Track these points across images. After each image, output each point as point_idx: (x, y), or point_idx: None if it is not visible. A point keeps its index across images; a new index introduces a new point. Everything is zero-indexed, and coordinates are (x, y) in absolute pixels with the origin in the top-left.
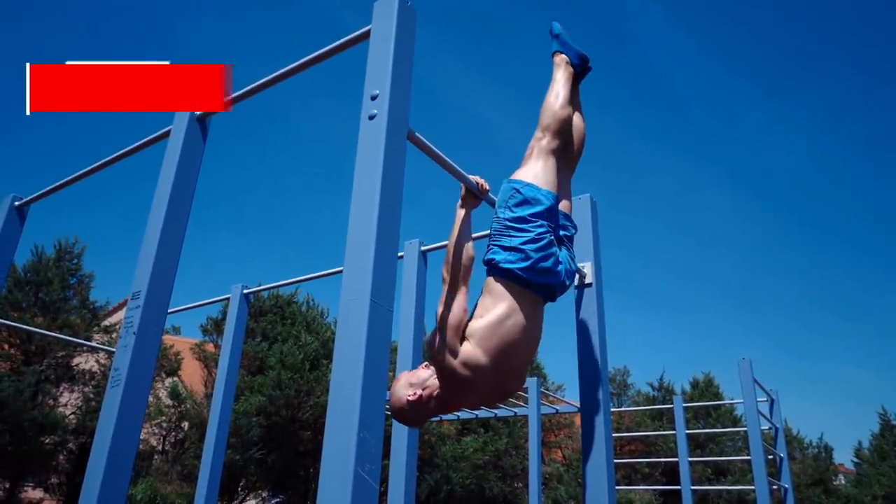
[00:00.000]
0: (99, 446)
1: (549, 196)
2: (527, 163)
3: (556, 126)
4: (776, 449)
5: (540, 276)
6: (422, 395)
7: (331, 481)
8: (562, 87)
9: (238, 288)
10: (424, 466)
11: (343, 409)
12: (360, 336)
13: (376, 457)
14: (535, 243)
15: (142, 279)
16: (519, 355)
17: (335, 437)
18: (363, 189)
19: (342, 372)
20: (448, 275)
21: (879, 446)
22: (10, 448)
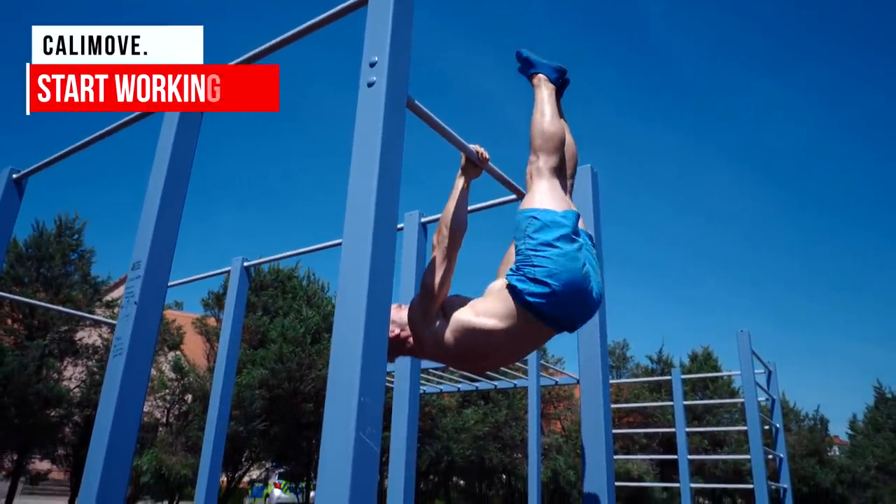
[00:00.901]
0: (103, 415)
1: (569, 215)
2: (531, 189)
3: (548, 144)
4: (772, 420)
5: (559, 310)
6: (399, 335)
7: (332, 444)
8: (546, 104)
9: (238, 260)
10: (425, 438)
11: (344, 375)
12: (360, 305)
13: (377, 421)
14: (563, 274)
15: (142, 249)
16: (487, 363)
17: (336, 402)
18: (362, 157)
19: (343, 340)
20: (439, 243)
21: (874, 418)
22: (16, 421)
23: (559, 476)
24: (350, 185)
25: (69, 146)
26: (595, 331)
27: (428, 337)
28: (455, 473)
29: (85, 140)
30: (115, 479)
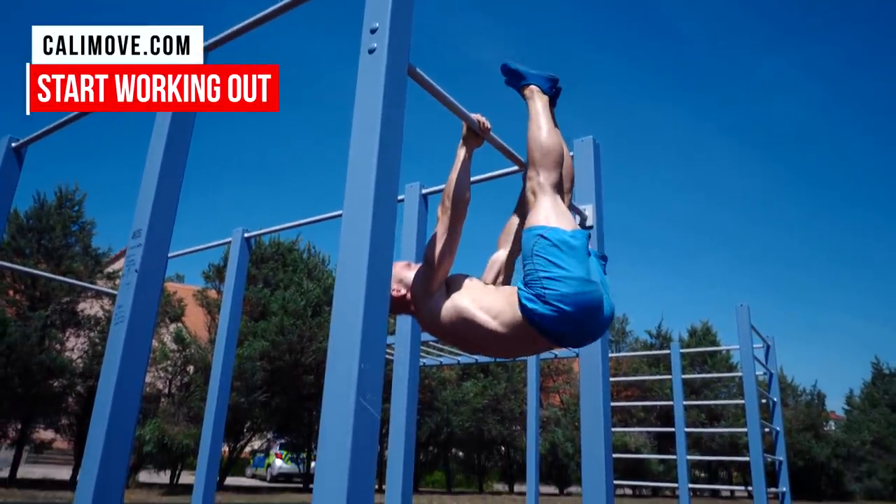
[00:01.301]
0: (105, 383)
1: (578, 235)
2: (535, 207)
3: (549, 159)
4: (770, 394)
5: (568, 332)
6: (404, 296)
7: (333, 410)
8: (542, 117)
9: (239, 231)
10: (425, 410)
11: (344, 342)
12: (360, 276)
13: (377, 388)
14: (573, 298)
15: (142, 217)
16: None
17: (337, 368)
18: (363, 126)
19: (343, 308)
20: (443, 214)
21: (870, 394)
22: (19, 391)
23: (557, 448)
24: (350, 154)
25: (69, 115)
26: None
27: (427, 310)
28: (454, 445)
29: None
30: (118, 446)
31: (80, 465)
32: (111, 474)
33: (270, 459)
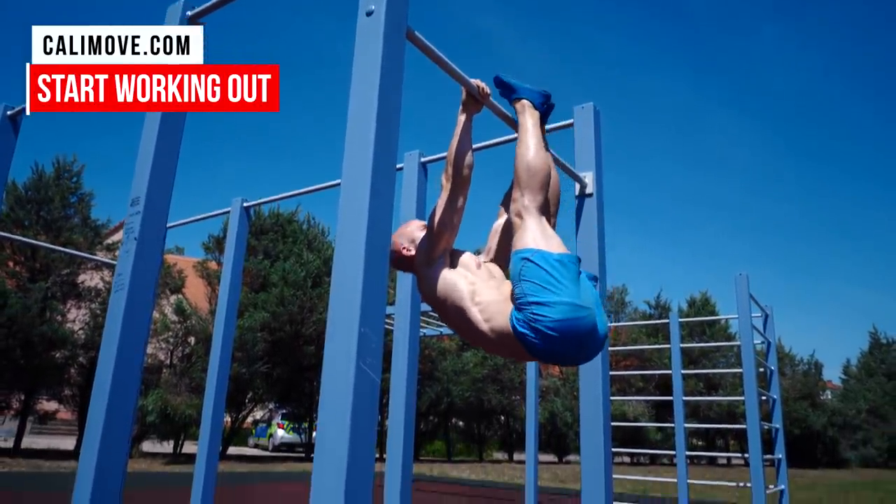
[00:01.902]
0: (106, 351)
1: (565, 259)
2: (521, 229)
3: (535, 181)
4: (767, 362)
5: (557, 357)
6: (414, 256)
7: (333, 374)
8: (531, 136)
9: (238, 201)
10: (425, 380)
11: (344, 307)
12: (359, 241)
13: (377, 352)
14: (563, 324)
15: (140, 185)
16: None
17: (337, 333)
18: (361, 90)
19: (343, 275)
20: (447, 182)
21: (867, 363)
22: (22, 362)
23: (556, 417)
24: (348, 119)
25: None
26: (594, 268)
27: (425, 279)
28: (454, 415)
29: None
30: (120, 415)
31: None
32: (114, 443)
33: (272, 429)
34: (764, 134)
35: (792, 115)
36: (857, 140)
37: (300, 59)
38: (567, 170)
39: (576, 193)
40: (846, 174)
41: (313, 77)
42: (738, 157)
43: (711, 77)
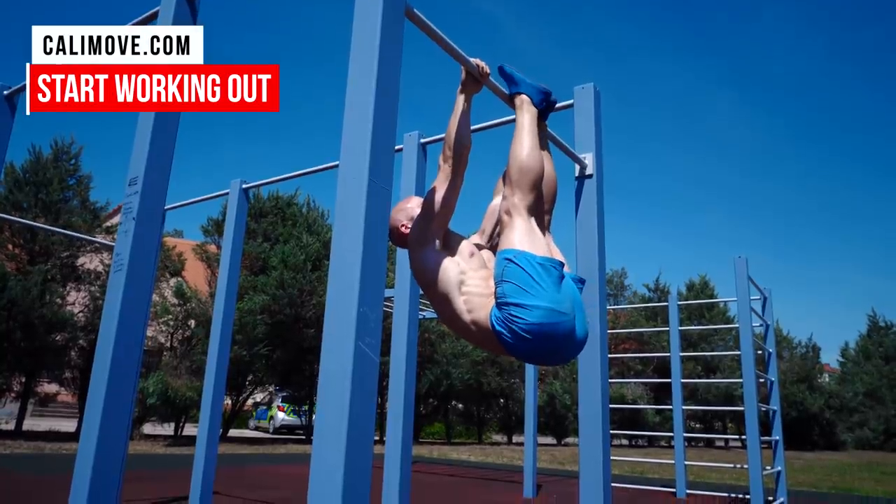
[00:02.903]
0: (105, 332)
1: (546, 262)
2: (508, 228)
3: (526, 179)
4: (766, 345)
5: (535, 357)
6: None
7: (332, 354)
8: (526, 133)
9: (237, 183)
10: (425, 363)
11: (343, 287)
12: (357, 222)
13: (376, 331)
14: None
15: (138, 165)
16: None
17: (336, 312)
18: (360, 68)
19: (342, 255)
20: (444, 163)
21: (865, 347)
22: (22, 345)
23: (555, 400)
24: (347, 97)
25: None
26: (593, 259)
27: (416, 258)
28: (454, 397)
29: None
30: (120, 395)
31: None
32: (114, 426)
33: (273, 412)
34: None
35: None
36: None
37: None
38: (567, 151)
39: (575, 175)
40: (846, 157)
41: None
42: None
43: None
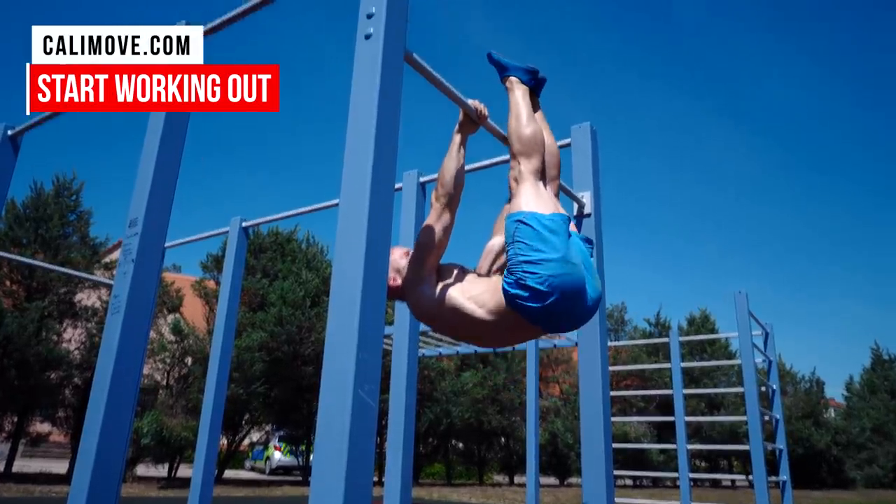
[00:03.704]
0: (101, 373)
1: (556, 218)
2: (516, 194)
3: (526, 147)
4: (769, 381)
5: (553, 316)
6: (400, 285)
7: (330, 401)
8: (521, 107)
9: (237, 221)
10: (424, 401)
11: (342, 331)
12: (357, 262)
13: (375, 377)
14: (553, 281)
15: (138, 206)
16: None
17: (335, 358)
18: (360, 112)
19: (341, 297)
20: (436, 201)
21: (870, 380)
22: (16, 382)
23: (557, 439)
24: (347, 141)
25: None
26: None
27: (417, 298)
28: (454, 436)
29: None
30: (114, 439)
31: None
32: (107, 468)
33: (269, 452)
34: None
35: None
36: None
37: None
38: (564, 189)
39: (573, 214)
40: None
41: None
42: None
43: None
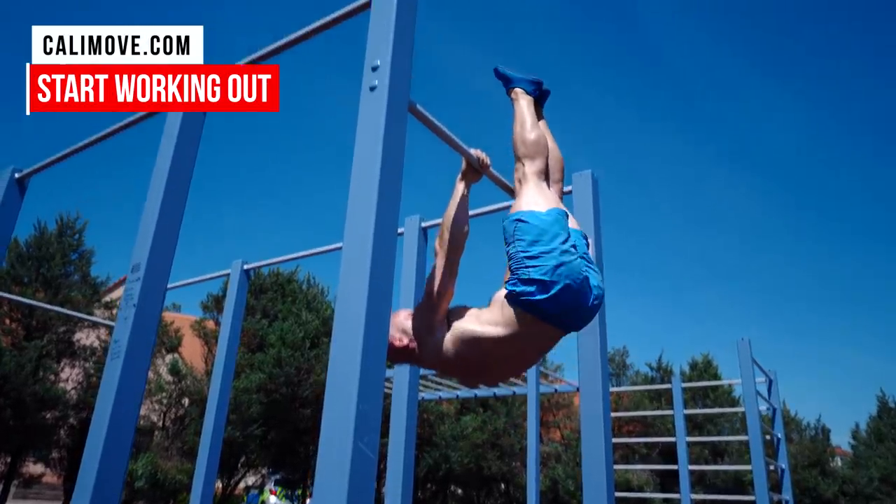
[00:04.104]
0: (99, 418)
1: (552, 213)
2: (518, 195)
3: (530, 150)
4: (774, 430)
5: (559, 308)
6: (407, 345)
7: (330, 453)
8: (525, 114)
9: (238, 263)
10: (423, 445)
11: (342, 382)
12: (359, 311)
13: (375, 429)
14: (555, 270)
15: (141, 252)
16: (492, 375)
17: (335, 409)
18: (363, 162)
19: (342, 346)
20: (441, 249)
21: (877, 429)
22: (11, 422)
23: (558, 485)
24: (351, 189)
25: (72, 146)
26: (595, 338)
27: (432, 346)
28: (453, 482)
29: (87, 141)
30: (109, 482)
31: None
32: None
33: (265, 496)
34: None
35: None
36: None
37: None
38: None
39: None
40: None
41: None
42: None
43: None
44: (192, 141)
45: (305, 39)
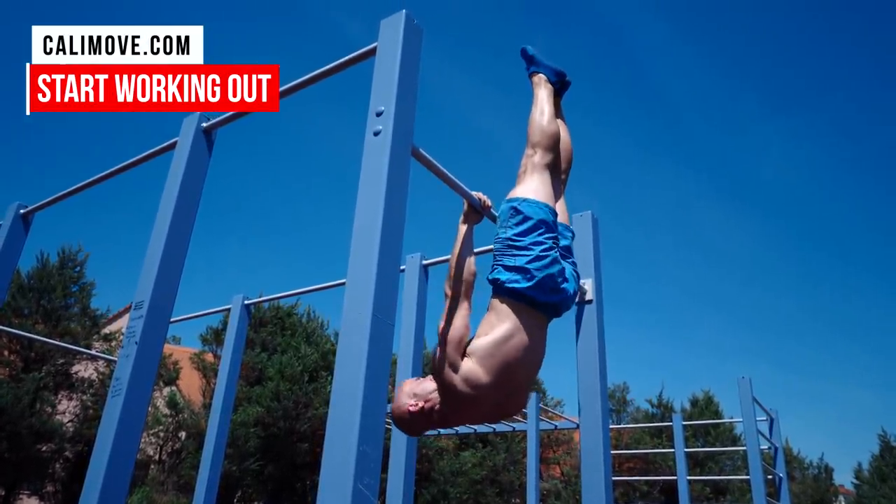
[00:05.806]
0: (98, 456)
1: (547, 209)
2: (522, 180)
3: (546, 141)
4: (776, 469)
5: (545, 295)
6: (423, 407)
7: (330, 495)
8: (545, 103)
9: (239, 298)
10: (422, 481)
11: (343, 423)
12: (361, 350)
13: (375, 471)
14: (540, 261)
15: (145, 289)
16: (520, 374)
17: (335, 451)
18: (367, 204)
19: (343, 385)
20: (450, 290)
21: (879, 468)
22: (6, 455)
23: None
24: (355, 230)
25: (77, 182)
26: (595, 374)
27: (459, 383)
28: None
29: (92, 178)
30: None
31: None
32: None
33: None
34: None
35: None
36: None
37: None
38: None
39: (576, 300)
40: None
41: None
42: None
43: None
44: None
45: (312, 84)
